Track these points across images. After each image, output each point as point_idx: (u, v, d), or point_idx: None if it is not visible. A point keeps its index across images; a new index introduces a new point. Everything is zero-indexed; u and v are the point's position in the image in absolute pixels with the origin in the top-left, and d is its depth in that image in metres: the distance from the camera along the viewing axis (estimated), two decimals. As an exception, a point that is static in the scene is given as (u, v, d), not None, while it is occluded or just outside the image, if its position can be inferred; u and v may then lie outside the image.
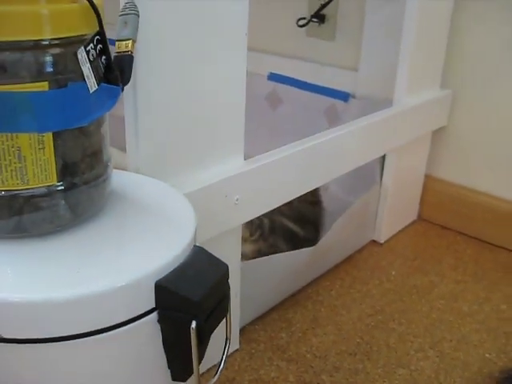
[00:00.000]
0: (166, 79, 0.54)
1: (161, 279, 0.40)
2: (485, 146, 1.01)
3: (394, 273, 0.93)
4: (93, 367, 0.40)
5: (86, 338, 0.38)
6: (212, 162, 0.61)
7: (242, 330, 0.78)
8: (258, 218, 0.73)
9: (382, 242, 1.02)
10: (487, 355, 0.75)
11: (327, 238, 0.84)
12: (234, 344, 0.74)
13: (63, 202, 0.41)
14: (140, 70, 0.51)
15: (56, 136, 0.40)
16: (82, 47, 0.39)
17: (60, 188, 0.41)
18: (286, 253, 0.80)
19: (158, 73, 0.53)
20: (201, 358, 0.43)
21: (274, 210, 0.71)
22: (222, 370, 0.46)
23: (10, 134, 0.38)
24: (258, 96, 0.57)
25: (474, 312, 0.85)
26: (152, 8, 0.51)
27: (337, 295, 0.87)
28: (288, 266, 0.79)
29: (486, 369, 0.73)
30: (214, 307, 0.43)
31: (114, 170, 0.47)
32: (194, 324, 0.41)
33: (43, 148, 0.39)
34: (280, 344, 0.77)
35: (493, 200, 1.02)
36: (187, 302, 0.40)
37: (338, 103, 1.11)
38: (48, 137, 0.39)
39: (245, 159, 0.65)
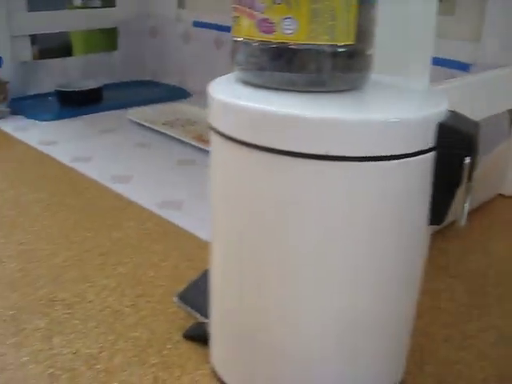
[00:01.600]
0: None
1: (442, 120, 0.48)
2: None
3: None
4: (367, 192, 0.47)
5: (374, 162, 0.46)
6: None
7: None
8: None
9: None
10: None
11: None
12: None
13: (355, 61, 0.50)
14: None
15: (359, 3, 0.49)
16: None
17: (354, 49, 0.50)
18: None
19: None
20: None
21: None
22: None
23: (329, -4, 0.47)
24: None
25: None
26: None
27: (480, 231, 0.95)
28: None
29: None
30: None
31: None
32: (468, 159, 0.49)
33: (350, 12, 0.48)
34: (441, 265, 0.85)
35: None
36: (465, 137, 0.48)
37: (458, 73, 1.19)
38: (355, 3, 0.48)
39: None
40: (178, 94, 1.72)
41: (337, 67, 0.49)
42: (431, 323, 0.70)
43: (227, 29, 1.63)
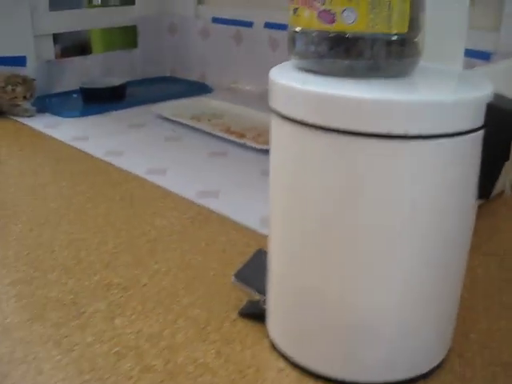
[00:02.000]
0: None
1: (490, 101, 0.52)
2: None
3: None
4: (427, 169, 0.51)
5: (433, 140, 0.50)
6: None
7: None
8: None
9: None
10: None
11: None
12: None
13: (407, 48, 0.54)
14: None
15: (412, -7, 0.52)
16: None
17: (407, 36, 0.54)
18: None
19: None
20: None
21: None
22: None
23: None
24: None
25: None
26: None
27: (509, 210, 0.99)
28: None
29: None
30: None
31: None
32: (515, 137, 0.52)
33: (405, 2, 0.52)
34: (474, 243, 0.88)
35: None
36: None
37: (479, 62, 1.23)
38: (408, -7, 0.52)
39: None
40: (200, 89, 1.76)
41: (391, 54, 0.53)
42: (471, 296, 0.74)
43: (246, 24, 1.67)
